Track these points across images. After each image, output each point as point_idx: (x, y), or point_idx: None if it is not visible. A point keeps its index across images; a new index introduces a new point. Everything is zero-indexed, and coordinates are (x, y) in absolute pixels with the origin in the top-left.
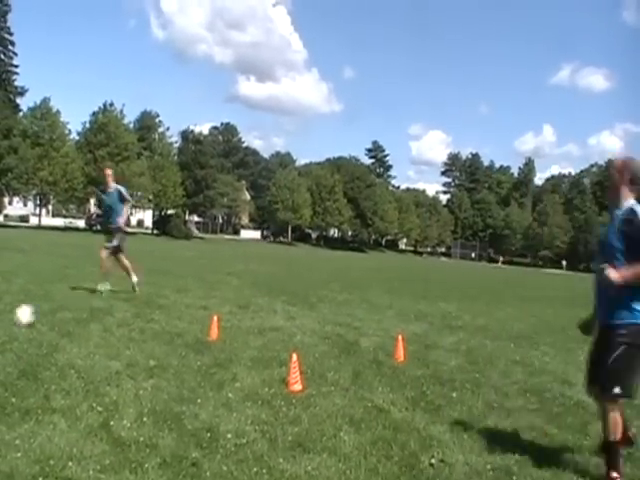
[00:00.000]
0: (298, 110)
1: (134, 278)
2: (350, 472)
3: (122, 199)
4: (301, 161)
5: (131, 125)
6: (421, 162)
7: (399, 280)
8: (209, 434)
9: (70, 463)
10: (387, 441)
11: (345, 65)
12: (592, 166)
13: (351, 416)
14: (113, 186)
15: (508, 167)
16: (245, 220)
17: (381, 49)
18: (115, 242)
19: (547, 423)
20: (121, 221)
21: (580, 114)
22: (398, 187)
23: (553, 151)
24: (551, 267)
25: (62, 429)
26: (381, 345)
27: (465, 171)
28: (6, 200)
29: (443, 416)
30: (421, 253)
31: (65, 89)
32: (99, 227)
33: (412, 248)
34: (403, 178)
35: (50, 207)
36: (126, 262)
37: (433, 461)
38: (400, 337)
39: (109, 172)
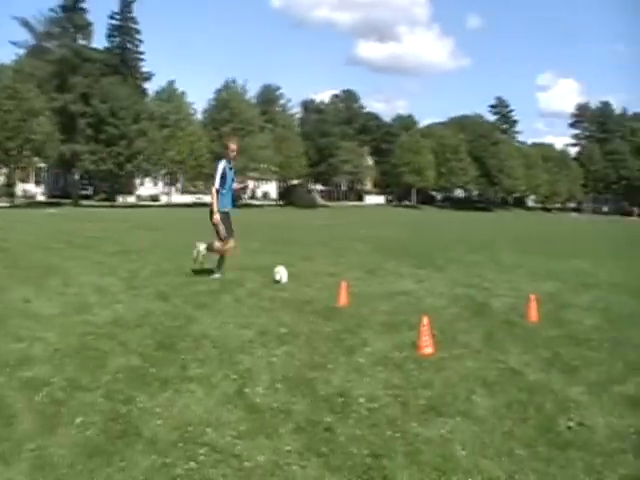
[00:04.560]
0: (422, 69)
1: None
2: (485, 435)
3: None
4: (424, 122)
5: (253, 100)
6: (550, 114)
7: (528, 238)
8: (342, 399)
9: (208, 429)
10: (522, 404)
11: (470, 14)
12: None
13: (484, 379)
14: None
15: None
16: (368, 185)
17: None
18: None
19: None
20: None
21: None
22: (524, 142)
23: None
24: None
25: (199, 397)
26: (513, 305)
27: (595, 121)
28: (137, 181)
29: (580, 377)
30: (550, 210)
31: (188, 69)
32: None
33: (541, 205)
34: (531, 132)
35: (179, 185)
36: None
37: (571, 424)
38: (532, 297)
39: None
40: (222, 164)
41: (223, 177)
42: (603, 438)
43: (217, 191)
